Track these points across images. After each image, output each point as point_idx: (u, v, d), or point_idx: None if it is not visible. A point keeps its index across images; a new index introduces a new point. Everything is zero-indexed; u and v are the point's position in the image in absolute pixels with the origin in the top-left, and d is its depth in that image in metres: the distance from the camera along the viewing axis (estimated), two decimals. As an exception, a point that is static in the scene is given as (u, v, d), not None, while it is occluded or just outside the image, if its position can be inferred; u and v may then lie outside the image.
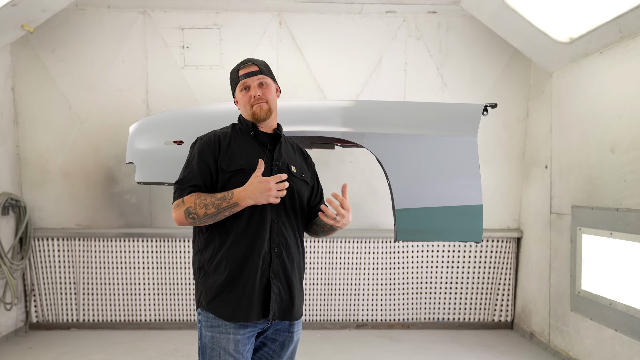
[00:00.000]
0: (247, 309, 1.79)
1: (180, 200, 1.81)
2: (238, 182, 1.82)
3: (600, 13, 3.22)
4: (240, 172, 1.84)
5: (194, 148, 1.93)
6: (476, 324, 4.67)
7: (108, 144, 4.44)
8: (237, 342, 1.80)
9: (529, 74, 4.51)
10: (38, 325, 4.54)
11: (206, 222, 1.81)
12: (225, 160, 1.86)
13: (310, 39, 4.47)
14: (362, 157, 4.49)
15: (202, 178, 1.84)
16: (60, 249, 4.49)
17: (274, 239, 1.85)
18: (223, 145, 1.89)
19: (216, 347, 1.80)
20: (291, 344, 1.94)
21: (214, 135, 1.93)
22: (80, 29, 4.38)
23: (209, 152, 1.88)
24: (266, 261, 1.83)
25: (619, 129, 3.25)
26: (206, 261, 1.86)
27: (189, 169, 1.87)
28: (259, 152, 1.91)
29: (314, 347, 4.12)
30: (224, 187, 1.84)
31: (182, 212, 1.80)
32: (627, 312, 3.12)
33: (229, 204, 1.76)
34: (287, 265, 1.87)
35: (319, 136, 2.67)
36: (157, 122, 2.90)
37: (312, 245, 4.56)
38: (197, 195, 1.80)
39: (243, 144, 1.92)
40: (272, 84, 2.00)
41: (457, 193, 2.56)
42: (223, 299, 1.80)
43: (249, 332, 1.83)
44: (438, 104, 2.77)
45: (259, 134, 1.95)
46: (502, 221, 4.63)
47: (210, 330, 1.82)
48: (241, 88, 1.95)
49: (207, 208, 1.76)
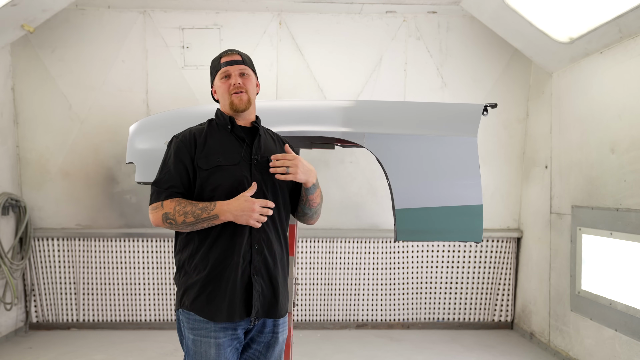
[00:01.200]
0: (230, 308, 1.77)
1: (160, 204, 1.79)
2: (217, 179, 1.80)
3: (600, 13, 3.22)
4: (218, 169, 1.81)
5: (170, 147, 1.89)
6: (476, 324, 4.67)
7: (108, 144, 4.44)
8: (219, 346, 1.77)
9: (529, 74, 4.51)
10: (38, 325, 4.54)
11: (183, 229, 1.79)
12: (202, 158, 1.82)
13: (310, 39, 4.47)
14: (362, 157, 4.49)
15: (180, 179, 1.82)
16: (60, 249, 4.49)
17: (254, 236, 1.82)
18: (199, 142, 1.85)
19: (199, 351, 1.78)
20: (276, 345, 1.91)
21: (190, 133, 1.89)
22: (80, 29, 4.38)
23: (184, 150, 1.84)
24: (246, 259, 1.80)
25: (619, 129, 3.25)
26: (186, 260, 1.84)
27: (166, 169, 1.84)
28: (237, 147, 1.86)
29: (314, 347, 4.12)
30: (202, 186, 1.81)
31: (159, 215, 1.78)
32: (627, 312, 3.12)
33: (209, 215, 1.74)
34: (269, 262, 1.84)
35: (319, 136, 2.66)
36: (157, 122, 2.90)
37: (312, 245, 4.56)
38: (178, 202, 1.77)
39: (220, 139, 1.88)
40: (253, 76, 1.96)
41: (457, 193, 2.56)
42: (205, 298, 1.78)
43: (231, 335, 1.80)
44: (438, 104, 2.77)
45: (236, 128, 1.90)
46: (502, 221, 4.63)
47: (192, 332, 1.80)
48: (222, 76, 1.91)
49: (186, 216, 1.74)
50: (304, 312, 4.62)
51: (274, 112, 2.68)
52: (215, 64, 1.95)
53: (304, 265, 4.57)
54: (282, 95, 4.44)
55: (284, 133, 2.60)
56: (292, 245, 2.88)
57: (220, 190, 1.80)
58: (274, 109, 2.71)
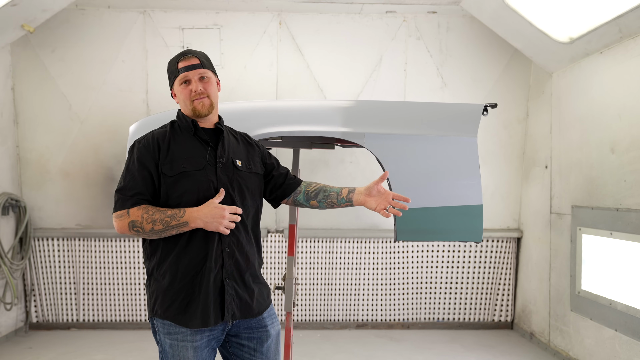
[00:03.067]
0: (204, 314, 1.76)
1: (125, 212, 1.74)
2: (183, 186, 1.77)
3: (600, 13, 3.22)
4: (183, 175, 1.78)
5: (132, 153, 1.83)
6: (476, 324, 4.67)
7: (108, 144, 4.44)
8: (196, 349, 1.77)
9: (529, 74, 4.51)
10: (38, 325, 4.54)
11: (150, 237, 1.76)
12: (167, 164, 1.78)
13: (310, 39, 4.47)
14: (362, 157, 4.49)
15: (145, 185, 1.77)
16: (60, 249, 4.49)
17: (224, 240, 1.80)
18: (162, 148, 1.80)
19: (176, 354, 1.77)
20: (269, 338, 1.90)
21: (152, 138, 1.83)
22: (80, 29, 4.38)
23: (148, 157, 1.79)
24: (218, 263, 1.78)
25: (619, 129, 3.25)
26: (155, 268, 1.81)
27: (129, 176, 1.78)
28: (201, 151, 1.83)
29: (314, 347, 4.12)
30: (168, 192, 1.78)
31: (125, 223, 1.74)
32: (627, 312, 3.12)
33: (178, 222, 1.72)
34: (240, 264, 1.83)
35: (319, 136, 2.67)
36: (157, 122, 2.90)
37: (312, 245, 4.56)
38: (145, 209, 1.73)
39: (183, 143, 1.83)
40: (213, 78, 1.91)
41: (457, 193, 2.56)
42: (178, 306, 1.76)
43: (207, 336, 1.80)
44: (438, 104, 2.77)
45: (199, 131, 1.86)
46: (502, 221, 4.63)
47: (168, 337, 1.79)
48: (181, 81, 1.86)
49: (154, 224, 1.71)
50: (304, 312, 4.62)
51: (274, 112, 2.68)
52: (173, 69, 1.89)
53: (304, 265, 4.57)
54: (282, 95, 4.44)
55: (284, 133, 2.61)
56: (292, 245, 2.88)
57: (187, 197, 1.78)
58: (274, 109, 2.71)
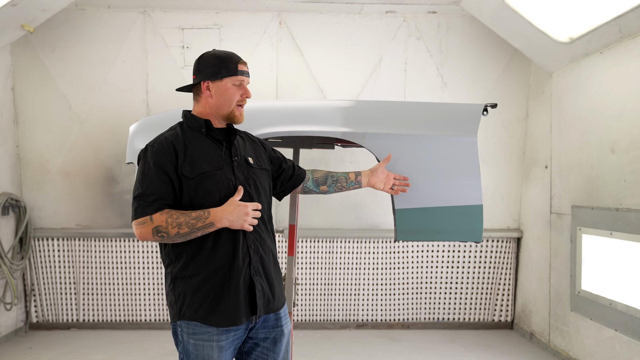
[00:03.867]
0: (234, 312, 1.77)
1: (148, 219, 1.70)
2: (205, 187, 1.77)
3: (600, 13, 3.22)
4: (204, 176, 1.77)
5: (146, 158, 1.78)
6: (476, 324, 4.67)
7: (108, 144, 4.44)
8: (221, 349, 1.77)
9: (529, 74, 4.51)
10: (38, 325, 4.54)
11: (175, 241, 1.73)
12: (187, 166, 1.76)
13: (310, 39, 4.47)
14: (362, 157, 4.49)
15: (165, 190, 1.73)
16: (60, 249, 4.49)
17: (248, 237, 1.82)
18: (179, 150, 1.77)
19: (200, 354, 1.76)
20: (283, 338, 1.92)
21: (166, 141, 1.79)
22: (80, 29, 4.38)
23: (165, 160, 1.75)
24: (246, 260, 1.80)
25: (619, 129, 3.25)
26: (180, 271, 1.79)
27: (147, 181, 1.74)
28: (217, 150, 1.84)
29: (314, 347, 4.12)
30: (191, 194, 1.76)
31: (149, 230, 1.70)
32: (627, 312, 3.12)
33: (204, 223, 1.71)
34: (264, 259, 1.86)
35: (319, 136, 2.67)
36: (157, 122, 2.90)
37: (312, 245, 4.56)
38: (169, 214, 1.70)
39: (198, 144, 1.82)
40: None
41: (457, 193, 2.56)
42: (208, 306, 1.76)
43: (233, 336, 1.80)
44: (438, 104, 2.77)
45: (212, 131, 1.86)
46: (502, 221, 4.63)
47: (192, 337, 1.77)
48: (236, 82, 1.85)
49: (180, 228, 1.69)
50: (304, 312, 4.62)
51: (274, 112, 2.68)
52: (231, 67, 1.85)
53: (304, 265, 4.57)
54: (282, 95, 4.44)
55: (284, 133, 2.61)
56: (292, 245, 2.88)
57: (210, 197, 1.77)
58: (274, 109, 2.71)
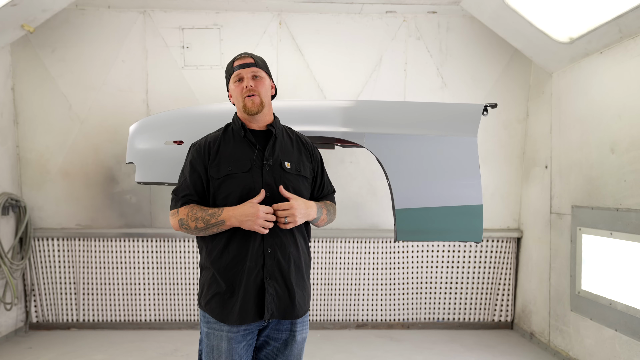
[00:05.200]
0: (242, 312, 1.82)
1: (176, 211, 1.88)
2: (228, 187, 1.85)
3: (600, 13, 3.22)
4: (229, 177, 1.86)
5: (188, 156, 1.97)
6: (476, 324, 4.67)
7: (108, 144, 4.44)
8: (230, 340, 1.84)
9: (529, 74, 4.51)
10: (38, 325, 4.54)
11: (197, 234, 1.87)
12: (214, 167, 1.88)
13: (310, 39, 4.47)
14: (362, 157, 4.49)
15: (195, 188, 1.89)
16: (60, 249, 4.49)
17: (267, 241, 1.84)
18: (212, 151, 1.91)
19: (210, 343, 1.87)
20: (294, 343, 1.93)
21: (205, 142, 1.95)
22: (80, 29, 4.38)
23: (199, 160, 1.91)
24: (259, 263, 1.84)
25: (619, 129, 3.25)
26: (204, 263, 1.92)
27: (182, 178, 1.93)
28: (249, 153, 1.89)
29: (314, 347, 4.12)
30: (215, 194, 1.87)
31: (176, 221, 1.87)
32: (627, 312, 3.12)
33: (217, 220, 1.80)
34: (282, 265, 1.86)
35: (319, 136, 2.67)
36: (157, 122, 2.90)
37: (312, 245, 4.56)
38: (190, 208, 1.85)
39: (232, 147, 1.91)
40: (266, 78, 1.97)
41: (457, 193, 2.56)
42: (217, 301, 1.85)
43: (244, 331, 1.86)
44: (438, 104, 2.78)
45: (248, 134, 1.93)
46: (502, 221, 4.63)
47: (206, 326, 1.89)
48: (235, 79, 1.94)
49: (197, 222, 1.82)
50: (304, 312, 4.61)
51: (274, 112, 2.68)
52: (229, 68, 1.98)
53: (304, 265, 4.57)
54: (282, 95, 4.44)
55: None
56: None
57: (232, 198, 1.85)
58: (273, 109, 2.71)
